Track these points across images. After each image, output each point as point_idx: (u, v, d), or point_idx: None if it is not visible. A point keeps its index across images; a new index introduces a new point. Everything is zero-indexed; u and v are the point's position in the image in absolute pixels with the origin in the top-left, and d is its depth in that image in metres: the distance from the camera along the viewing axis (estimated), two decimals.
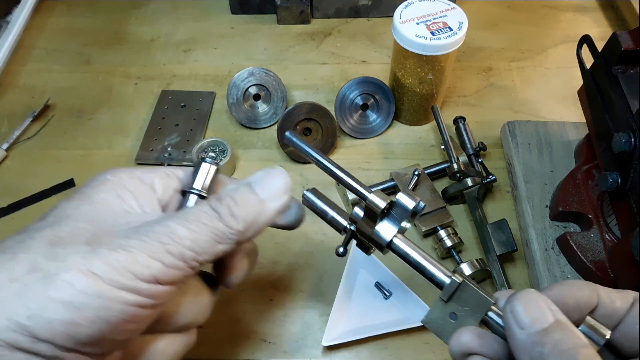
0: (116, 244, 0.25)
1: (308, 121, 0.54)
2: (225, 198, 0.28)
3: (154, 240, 0.25)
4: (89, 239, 0.25)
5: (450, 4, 0.52)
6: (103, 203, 0.27)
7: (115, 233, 0.25)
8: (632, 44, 0.41)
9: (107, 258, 0.24)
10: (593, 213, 0.45)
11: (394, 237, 0.32)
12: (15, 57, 0.66)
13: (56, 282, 0.23)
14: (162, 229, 0.25)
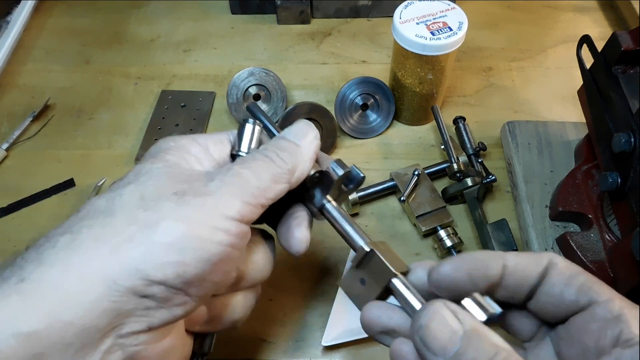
0: (199, 191, 0.27)
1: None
2: (269, 147, 0.31)
3: (229, 184, 0.27)
4: (174, 190, 0.27)
5: (450, 4, 0.52)
6: (173, 163, 0.29)
7: (193, 181, 0.28)
8: (632, 44, 0.41)
9: (196, 204, 0.26)
10: (593, 213, 0.45)
11: (327, 202, 0.34)
12: (15, 57, 0.66)
13: (158, 228, 0.25)
14: (231, 174, 0.28)
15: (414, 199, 0.50)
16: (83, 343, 0.23)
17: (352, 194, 0.50)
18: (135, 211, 0.26)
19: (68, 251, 0.24)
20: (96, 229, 0.25)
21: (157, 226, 0.25)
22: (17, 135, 0.58)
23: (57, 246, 0.25)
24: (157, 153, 0.30)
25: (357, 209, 0.51)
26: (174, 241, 0.25)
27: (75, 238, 0.25)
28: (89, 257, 0.24)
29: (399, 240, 0.50)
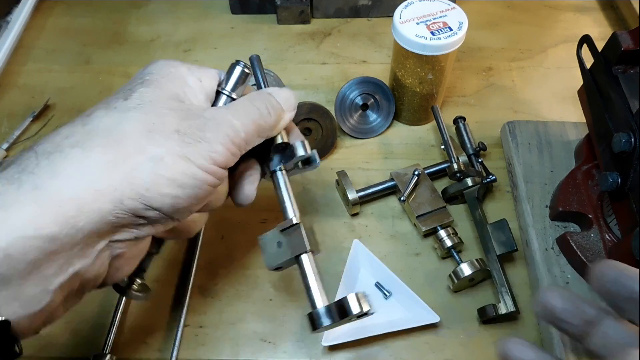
0: (197, 135, 0.30)
1: (308, 121, 0.54)
2: (260, 99, 0.34)
3: (222, 133, 0.31)
4: (175, 128, 0.30)
5: (450, 4, 0.52)
6: (172, 93, 0.32)
7: (191, 122, 0.31)
8: (632, 44, 0.41)
9: (195, 147, 0.30)
10: (593, 213, 0.45)
11: (279, 170, 0.37)
12: (15, 57, 0.66)
13: (162, 163, 0.29)
14: (225, 123, 0.32)
15: (414, 199, 0.50)
16: (86, 244, 0.28)
17: (352, 195, 0.50)
18: (142, 141, 0.29)
19: (82, 167, 0.28)
20: (108, 152, 0.28)
21: (162, 161, 0.29)
22: (17, 135, 0.58)
23: (69, 158, 0.28)
24: (158, 77, 0.32)
25: (357, 209, 0.51)
26: (175, 177, 0.29)
27: (88, 156, 0.28)
28: (102, 176, 0.28)
29: (399, 240, 0.50)
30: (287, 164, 0.37)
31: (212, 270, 0.48)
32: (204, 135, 0.30)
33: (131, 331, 0.45)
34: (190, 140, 0.30)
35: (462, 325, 0.45)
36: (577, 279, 0.44)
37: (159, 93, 0.31)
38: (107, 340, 0.43)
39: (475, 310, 0.45)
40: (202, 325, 0.45)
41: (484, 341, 0.44)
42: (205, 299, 0.47)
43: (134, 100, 0.30)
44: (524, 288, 0.47)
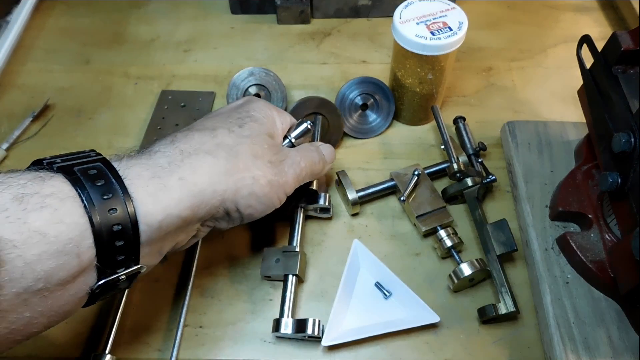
0: (280, 170, 0.41)
1: (315, 115, 0.54)
2: (316, 151, 0.46)
3: (293, 169, 0.42)
4: (269, 159, 0.40)
5: (450, 4, 0.52)
6: (269, 131, 0.43)
7: (278, 156, 0.41)
8: (632, 44, 0.41)
9: (279, 177, 0.41)
10: (593, 213, 0.45)
11: (300, 207, 0.49)
12: (15, 57, 0.66)
13: (258, 183, 0.39)
14: (296, 163, 0.43)
15: (414, 199, 0.50)
16: (194, 224, 0.37)
17: (352, 195, 0.50)
18: (249, 163, 0.39)
19: (211, 170, 0.37)
20: (228, 163, 0.38)
21: (258, 181, 0.39)
22: (17, 135, 0.58)
23: (204, 161, 0.37)
24: (260, 116, 0.42)
25: (357, 209, 0.51)
26: (261, 195, 0.39)
27: (216, 163, 0.37)
28: (221, 180, 0.37)
29: (399, 240, 0.50)
30: (308, 205, 0.49)
31: (212, 270, 0.48)
32: (283, 169, 0.41)
33: (131, 331, 0.45)
34: (277, 170, 0.40)
35: (462, 325, 0.45)
36: (577, 279, 0.44)
37: (262, 129, 0.41)
38: (107, 340, 0.43)
39: (475, 310, 0.45)
40: (202, 325, 0.45)
41: (484, 341, 0.44)
42: (205, 299, 0.47)
43: (246, 131, 0.40)
44: (524, 288, 0.47)
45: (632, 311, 0.41)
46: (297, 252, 0.46)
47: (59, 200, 0.29)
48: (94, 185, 0.31)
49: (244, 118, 0.42)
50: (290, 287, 0.45)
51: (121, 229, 0.31)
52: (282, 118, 0.45)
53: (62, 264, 0.29)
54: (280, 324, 0.42)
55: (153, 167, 0.35)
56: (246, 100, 0.45)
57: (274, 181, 0.40)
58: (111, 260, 0.31)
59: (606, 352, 0.40)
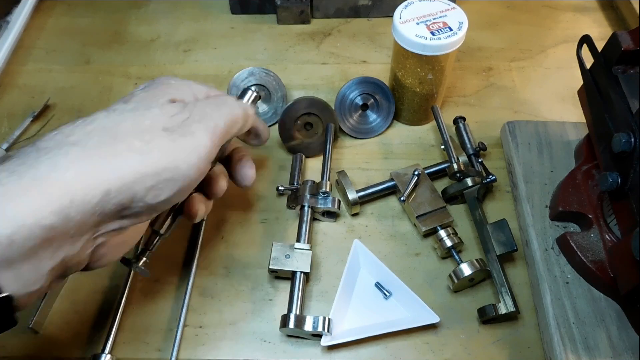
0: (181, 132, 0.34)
1: (309, 116, 0.54)
2: (233, 99, 0.40)
3: (204, 125, 0.35)
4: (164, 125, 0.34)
5: (450, 4, 0.52)
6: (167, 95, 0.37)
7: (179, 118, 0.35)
8: (632, 44, 0.41)
9: (178, 141, 0.33)
10: (593, 213, 0.45)
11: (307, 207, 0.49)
12: (15, 57, 0.66)
13: (149, 158, 0.32)
14: (204, 115, 0.35)
15: (414, 199, 0.50)
16: (77, 233, 0.30)
17: (352, 195, 0.50)
18: (133, 139, 0.32)
19: (78, 162, 0.30)
20: (103, 148, 0.31)
21: (149, 155, 0.31)
22: (17, 135, 0.58)
23: (68, 154, 0.30)
24: (156, 83, 0.37)
25: (357, 209, 0.51)
26: (159, 171, 0.31)
27: (85, 153, 0.30)
28: (94, 170, 0.30)
29: (399, 240, 0.50)
30: (316, 206, 0.49)
31: (212, 270, 0.48)
32: (188, 130, 0.33)
33: (131, 331, 0.45)
34: (176, 136, 0.33)
35: (462, 325, 0.45)
36: (577, 279, 0.44)
37: (156, 96, 0.35)
38: (106, 340, 0.43)
39: (475, 310, 0.45)
40: (202, 325, 0.45)
41: (484, 341, 0.44)
42: (205, 299, 0.47)
43: (132, 104, 0.35)
44: (524, 288, 0.47)
45: (632, 311, 0.41)
46: (309, 249, 0.46)
47: None
48: None
49: (134, 92, 0.36)
50: (298, 283, 0.45)
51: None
52: (196, 88, 0.39)
53: None
54: (288, 320, 0.42)
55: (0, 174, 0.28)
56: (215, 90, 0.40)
57: (175, 149, 0.32)
58: None
59: (606, 352, 0.40)
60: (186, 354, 0.44)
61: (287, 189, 0.51)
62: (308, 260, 0.46)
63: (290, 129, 0.55)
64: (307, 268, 0.45)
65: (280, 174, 0.55)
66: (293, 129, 0.55)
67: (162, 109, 0.34)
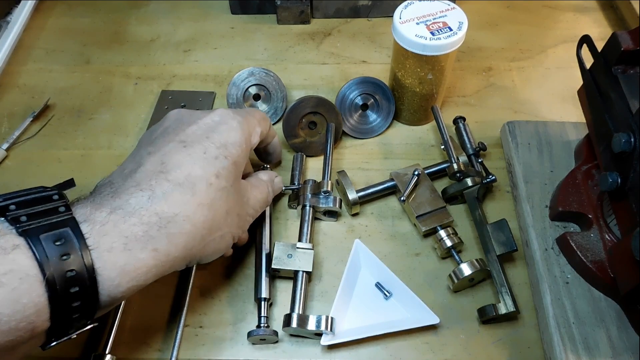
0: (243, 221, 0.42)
1: (314, 115, 0.54)
2: (269, 186, 0.47)
3: (251, 216, 0.44)
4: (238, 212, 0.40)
5: (450, 4, 0.52)
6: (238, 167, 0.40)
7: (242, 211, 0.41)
8: (632, 44, 0.41)
9: (241, 228, 0.41)
10: (593, 213, 0.45)
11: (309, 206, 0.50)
12: (15, 57, 0.66)
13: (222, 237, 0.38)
14: (254, 207, 0.43)
15: (414, 199, 0.50)
16: None
17: (352, 195, 0.50)
18: (222, 220, 0.38)
19: (187, 239, 0.35)
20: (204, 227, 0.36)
21: (224, 238, 0.39)
22: (17, 135, 0.58)
23: (180, 230, 0.34)
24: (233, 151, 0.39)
25: (357, 209, 0.51)
26: (223, 249, 0.40)
27: (193, 232, 0.35)
28: (194, 246, 0.36)
29: (399, 240, 0.50)
30: (317, 206, 0.49)
31: (212, 270, 0.48)
32: (245, 219, 0.43)
33: (131, 331, 0.45)
34: (242, 223, 0.42)
35: (462, 325, 0.45)
36: (577, 279, 0.44)
37: (235, 170, 0.40)
38: (107, 340, 0.43)
39: (475, 310, 0.45)
40: (202, 325, 0.45)
41: (484, 341, 0.44)
42: (205, 299, 0.47)
43: (223, 181, 0.38)
44: (524, 288, 0.47)
45: (632, 311, 0.41)
46: (311, 249, 0.46)
47: (18, 279, 0.28)
48: (59, 261, 0.29)
49: (219, 157, 0.38)
50: (301, 283, 0.45)
51: (80, 305, 0.30)
52: (250, 134, 0.42)
53: (13, 339, 0.28)
54: (291, 319, 0.42)
55: (127, 235, 0.32)
56: (217, 117, 0.40)
57: (236, 234, 0.40)
58: (65, 326, 0.30)
59: (606, 352, 0.40)
60: (186, 354, 0.44)
61: (288, 188, 0.51)
62: (310, 259, 0.46)
63: (295, 126, 0.55)
64: (309, 267, 0.45)
65: (281, 173, 0.55)
66: (297, 126, 0.55)
67: (237, 190, 0.40)
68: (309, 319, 0.42)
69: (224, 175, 0.37)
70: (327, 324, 0.42)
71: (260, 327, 0.43)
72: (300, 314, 0.43)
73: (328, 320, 0.42)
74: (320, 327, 0.42)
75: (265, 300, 0.44)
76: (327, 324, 0.42)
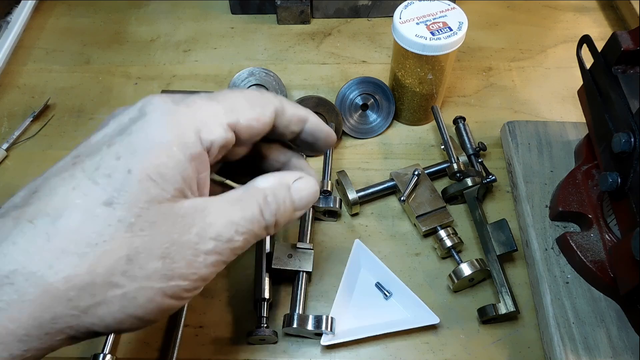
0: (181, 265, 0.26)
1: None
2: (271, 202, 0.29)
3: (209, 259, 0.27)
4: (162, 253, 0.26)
5: (450, 4, 0.52)
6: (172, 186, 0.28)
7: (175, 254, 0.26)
8: (632, 44, 0.41)
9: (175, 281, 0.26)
10: (593, 213, 0.45)
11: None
12: (15, 57, 0.66)
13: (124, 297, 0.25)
14: (216, 236, 0.27)
15: (414, 199, 0.50)
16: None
17: (352, 195, 0.50)
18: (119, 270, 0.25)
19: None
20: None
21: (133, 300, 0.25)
22: (17, 135, 0.58)
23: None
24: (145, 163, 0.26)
25: (357, 209, 0.51)
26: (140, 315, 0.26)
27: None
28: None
29: (399, 240, 0.50)
30: (317, 206, 0.49)
31: None
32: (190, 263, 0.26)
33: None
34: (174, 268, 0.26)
35: (462, 325, 0.45)
36: (577, 279, 0.44)
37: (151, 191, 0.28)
38: (107, 340, 0.43)
39: (475, 310, 0.45)
40: (202, 325, 0.45)
41: (484, 341, 0.44)
42: (205, 299, 0.47)
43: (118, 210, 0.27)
44: (524, 288, 0.47)
45: (632, 311, 0.41)
46: (311, 249, 0.46)
47: None
48: None
49: (116, 174, 0.25)
50: (301, 283, 0.45)
51: None
52: (195, 129, 0.26)
53: None
54: (292, 319, 0.42)
55: None
56: (137, 110, 0.27)
57: (170, 288, 0.25)
58: None
59: (606, 352, 0.40)
60: (186, 354, 0.44)
61: None
62: (310, 259, 0.46)
63: None
64: (309, 267, 0.45)
65: None
66: None
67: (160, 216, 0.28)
68: (309, 319, 0.42)
69: (122, 202, 0.24)
70: (327, 324, 0.42)
71: (260, 327, 0.43)
72: (300, 314, 0.43)
73: (328, 320, 0.42)
74: (320, 327, 0.42)
75: (265, 301, 0.44)
76: (327, 324, 0.42)
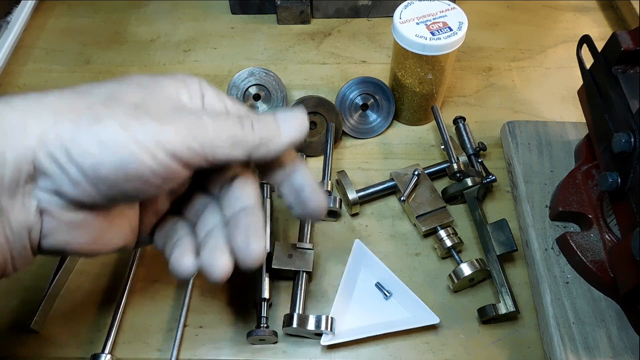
0: (154, 115, 0.28)
1: (314, 115, 0.54)
2: (250, 114, 0.32)
3: (184, 124, 0.28)
4: (136, 101, 0.29)
5: (450, 4, 0.52)
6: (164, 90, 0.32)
7: (158, 109, 0.29)
8: (632, 44, 0.41)
9: (142, 122, 0.28)
10: (593, 213, 0.45)
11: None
12: (15, 57, 0.66)
13: (99, 124, 0.27)
14: (194, 117, 0.29)
15: (414, 199, 0.50)
16: (14, 180, 0.27)
17: (352, 195, 0.50)
18: (99, 106, 0.28)
19: (27, 111, 0.27)
20: (65, 101, 0.28)
21: (99, 121, 0.27)
22: None
23: (28, 97, 0.28)
24: (163, 78, 0.33)
25: (357, 209, 0.51)
26: (104, 139, 0.27)
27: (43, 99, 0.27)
28: (42, 121, 0.27)
29: (399, 240, 0.50)
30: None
31: None
32: (163, 118, 0.28)
33: (131, 331, 0.45)
34: (142, 114, 0.28)
35: (462, 325, 0.45)
36: (577, 279, 0.44)
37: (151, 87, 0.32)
38: (106, 340, 0.43)
39: (475, 310, 0.45)
40: (202, 325, 0.45)
41: (484, 341, 0.44)
42: (205, 299, 0.47)
43: (126, 78, 0.31)
44: (524, 288, 0.47)
45: (632, 311, 0.41)
46: (311, 249, 0.46)
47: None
48: None
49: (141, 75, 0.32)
50: (301, 283, 0.45)
51: None
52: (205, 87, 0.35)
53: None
54: (292, 319, 0.42)
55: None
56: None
57: (134, 125, 0.27)
58: None
59: (606, 352, 0.40)
60: (186, 354, 0.44)
61: None
62: (310, 259, 0.46)
63: None
64: (309, 267, 0.45)
65: None
66: None
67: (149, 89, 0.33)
68: (309, 319, 0.42)
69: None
70: (327, 324, 0.42)
71: (260, 327, 0.43)
72: (300, 314, 0.43)
73: (328, 320, 0.42)
74: (320, 327, 0.42)
75: (265, 301, 0.44)
76: (327, 324, 0.42)
